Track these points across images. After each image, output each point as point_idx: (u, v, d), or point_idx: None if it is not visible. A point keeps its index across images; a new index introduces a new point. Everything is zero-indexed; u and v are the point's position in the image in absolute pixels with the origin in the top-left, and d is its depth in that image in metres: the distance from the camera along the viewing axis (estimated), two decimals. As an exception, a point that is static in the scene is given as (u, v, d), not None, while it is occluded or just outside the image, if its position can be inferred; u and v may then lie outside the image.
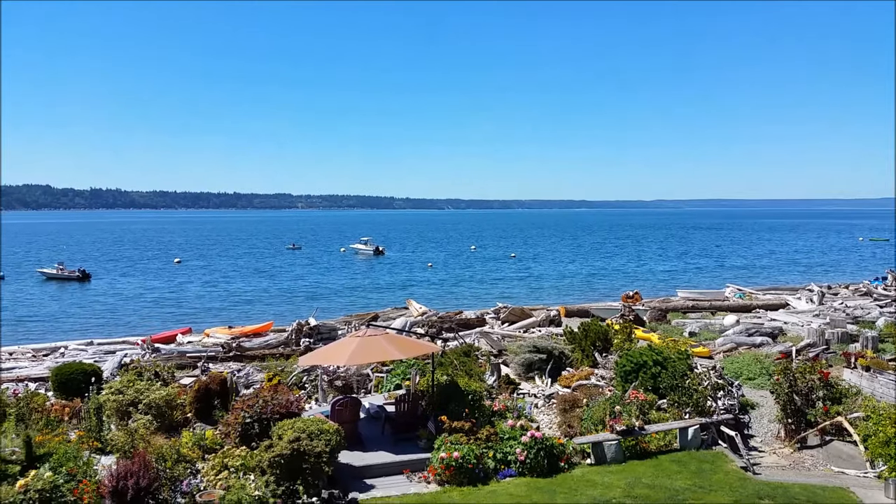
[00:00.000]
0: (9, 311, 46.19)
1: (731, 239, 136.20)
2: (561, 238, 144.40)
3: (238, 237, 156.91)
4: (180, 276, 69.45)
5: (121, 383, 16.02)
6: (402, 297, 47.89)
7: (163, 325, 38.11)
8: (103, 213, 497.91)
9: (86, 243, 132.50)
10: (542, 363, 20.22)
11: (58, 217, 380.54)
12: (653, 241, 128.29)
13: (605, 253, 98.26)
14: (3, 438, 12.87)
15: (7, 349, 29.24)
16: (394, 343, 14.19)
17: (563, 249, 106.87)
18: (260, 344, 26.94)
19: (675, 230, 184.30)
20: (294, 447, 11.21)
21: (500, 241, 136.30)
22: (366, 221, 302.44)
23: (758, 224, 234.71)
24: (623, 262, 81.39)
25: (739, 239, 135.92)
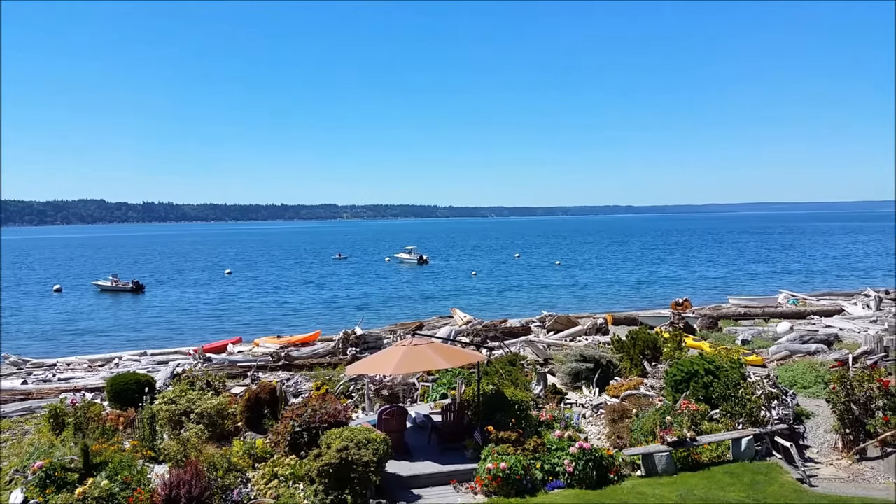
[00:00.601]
0: (66, 322, 47.82)
1: (784, 243, 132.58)
2: (607, 244, 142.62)
3: (286, 248, 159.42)
4: (231, 286, 70.89)
5: (173, 393, 16.39)
6: (446, 305, 47.95)
7: (214, 335, 38.95)
8: (156, 226, 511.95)
9: (139, 256, 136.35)
10: (589, 372, 19.97)
11: (112, 230, 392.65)
12: (703, 247, 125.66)
13: (653, 259, 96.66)
14: (63, 447, 13.30)
15: (65, 359, 30.28)
16: (439, 352, 14.20)
17: (609, 256, 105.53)
18: (308, 353, 27.28)
19: (726, 235, 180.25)
20: (342, 456, 11.31)
21: (544, 248, 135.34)
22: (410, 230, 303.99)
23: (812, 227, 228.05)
24: (672, 269, 79.94)
25: (793, 243, 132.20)
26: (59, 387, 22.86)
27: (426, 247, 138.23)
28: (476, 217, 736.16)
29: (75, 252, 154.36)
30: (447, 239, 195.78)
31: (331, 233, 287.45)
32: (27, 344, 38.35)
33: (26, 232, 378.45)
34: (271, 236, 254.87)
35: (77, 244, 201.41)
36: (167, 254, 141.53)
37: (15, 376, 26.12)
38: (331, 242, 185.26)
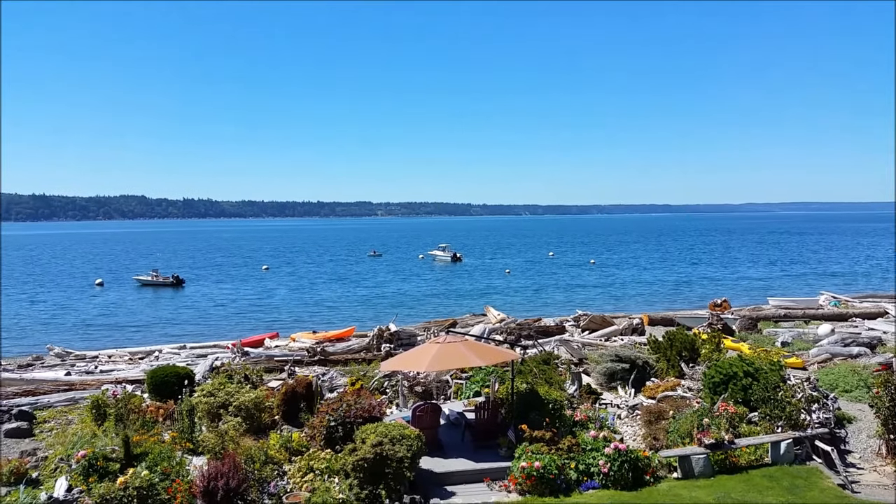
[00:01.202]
0: (108, 315, 49.00)
1: (826, 244, 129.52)
2: (644, 243, 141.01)
3: (322, 245, 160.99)
4: (268, 282, 71.87)
5: (212, 386, 16.68)
6: (480, 303, 47.91)
7: (251, 329, 39.55)
8: (195, 222, 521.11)
9: (179, 251, 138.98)
10: (625, 373, 19.78)
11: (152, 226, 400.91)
12: (743, 247, 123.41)
13: (691, 259, 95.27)
14: (104, 437, 13.64)
15: (106, 352, 31.04)
16: (473, 350, 14.21)
17: (646, 255, 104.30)
18: (343, 349, 27.51)
19: (765, 235, 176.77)
20: (377, 451, 11.39)
21: (579, 246, 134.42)
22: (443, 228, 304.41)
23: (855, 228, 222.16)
24: (710, 269, 78.71)
25: (834, 243, 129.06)
26: (100, 378, 23.40)
27: (460, 244, 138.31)
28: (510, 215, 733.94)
29: (116, 247, 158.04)
30: (481, 237, 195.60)
31: (365, 230, 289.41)
32: (70, 336, 39.42)
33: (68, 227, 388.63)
34: (307, 233, 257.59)
35: (118, 239, 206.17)
36: (206, 249, 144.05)
37: (59, 367, 26.86)
38: (365, 239, 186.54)
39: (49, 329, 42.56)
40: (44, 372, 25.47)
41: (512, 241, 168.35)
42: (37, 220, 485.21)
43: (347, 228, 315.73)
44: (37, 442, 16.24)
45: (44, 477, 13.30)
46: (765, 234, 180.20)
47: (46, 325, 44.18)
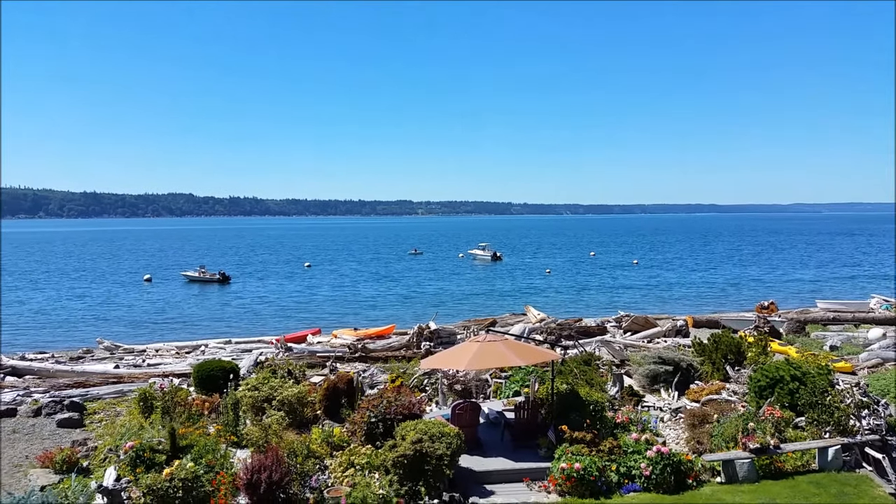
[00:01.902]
0: (156, 310, 50.24)
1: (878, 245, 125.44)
2: (688, 244, 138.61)
3: (363, 243, 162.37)
4: (310, 279, 72.80)
5: (256, 380, 16.95)
6: (519, 302, 47.75)
7: (294, 325, 40.10)
8: (241, 219, 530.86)
9: (225, 248, 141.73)
10: (668, 375, 19.49)
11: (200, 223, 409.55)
12: (791, 248, 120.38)
13: (736, 260, 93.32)
14: (151, 429, 13.98)
15: (154, 346, 31.86)
16: (513, 349, 14.16)
17: (690, 256, 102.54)
18: (383, 346, 27.72)
19: (813, 236, 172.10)
20: (416, 448, 11.44)
21: (621, 246, 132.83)
22: (483, 227, 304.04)
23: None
24: (757, 271, 76.98)
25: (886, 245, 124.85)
26: (148, 372, 24.02)
27: (500, 243, 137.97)
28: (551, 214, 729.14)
29: (164, 244, 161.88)
30: (521, 236, 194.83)
31: (406, 228, 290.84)
32: (119, 330, 40.54)
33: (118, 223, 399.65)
34: (349, 231, 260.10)
35: (166, 236, 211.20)
36: (252, 247, 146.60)
37: (108, 360, 27.64)
38: (406, 238, 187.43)
39: (99, 323, 43.84)
40: (94, 365, 26.25)
41: (553, 240, 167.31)
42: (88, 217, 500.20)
43: (388, 227, 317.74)
44: (87, 432, 16.75)
45: (94, 466, 13.71)
46: (813, 235, 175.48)
47: (96, 320, 45.51)
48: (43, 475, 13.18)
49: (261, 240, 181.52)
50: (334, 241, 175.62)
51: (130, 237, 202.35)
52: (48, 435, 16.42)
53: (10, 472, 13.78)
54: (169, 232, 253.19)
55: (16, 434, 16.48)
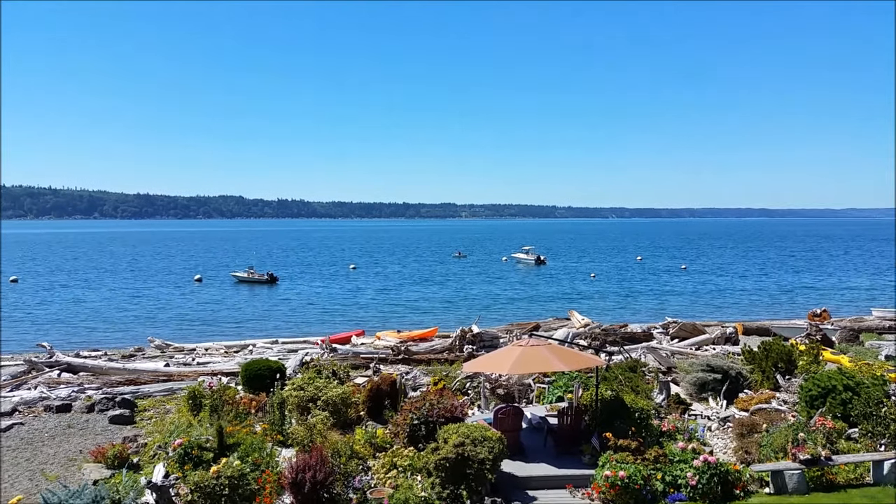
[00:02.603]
0: (205, 311, 51.38)
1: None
2: (738, 249, 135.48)
3: (407, 245, 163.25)
4: (355, 281, 73.51)
5: (302, 380, 17.16)
6: (563, 307, 47.35)
7: (339, 326, 40.50)
8: (288, 221, 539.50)
9: (273, 249, 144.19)
10: (716, 383, 19.07)
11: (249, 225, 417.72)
12: (844, 254, 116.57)
13: (789, 267, 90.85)
14: (199, 427, 14.27)
15: (203, 345, 32.53)
16: (557, 354, 14.03)
17: (741, 261, 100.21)
18: (426, 348, 27.80)
19: (868, 242, 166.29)
20: (459, 452, 11.43)
21: (669, 251, 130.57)
22: (527, 230, 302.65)
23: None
24: (809, 277, 74.78)
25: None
26: (197, 370, 24.56)
27: (544, 247, 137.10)
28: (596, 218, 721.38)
29: (214, 245, 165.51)
30: (565, 240, 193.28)
31: (450, 231, 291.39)
32: (170, 329, 41.55)
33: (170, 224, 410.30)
34: (393, 233, 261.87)
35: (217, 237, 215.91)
36: (298, 248, 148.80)
37: (158, 359, 28.35)
38: (450, 241, 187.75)
39: (151, 322, 45.00)
40: (145, 363, 26.97)
41: (598, 244, 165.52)
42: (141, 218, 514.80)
43: (432, 230, 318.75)
44: (137, 429, 17.21)
45: (143, 462, 14.06)
46: (868, 241, 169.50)
47: (148, 319, 46.73)
48: (96, 470, 13.58)
49: (307, 241, 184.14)
50: (379, 243, 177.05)
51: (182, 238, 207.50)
52: (101, 431, 16.93)
53: (65, 465, 14.25)
54: (219, 233, 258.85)
55: (70, 429, 17.04)
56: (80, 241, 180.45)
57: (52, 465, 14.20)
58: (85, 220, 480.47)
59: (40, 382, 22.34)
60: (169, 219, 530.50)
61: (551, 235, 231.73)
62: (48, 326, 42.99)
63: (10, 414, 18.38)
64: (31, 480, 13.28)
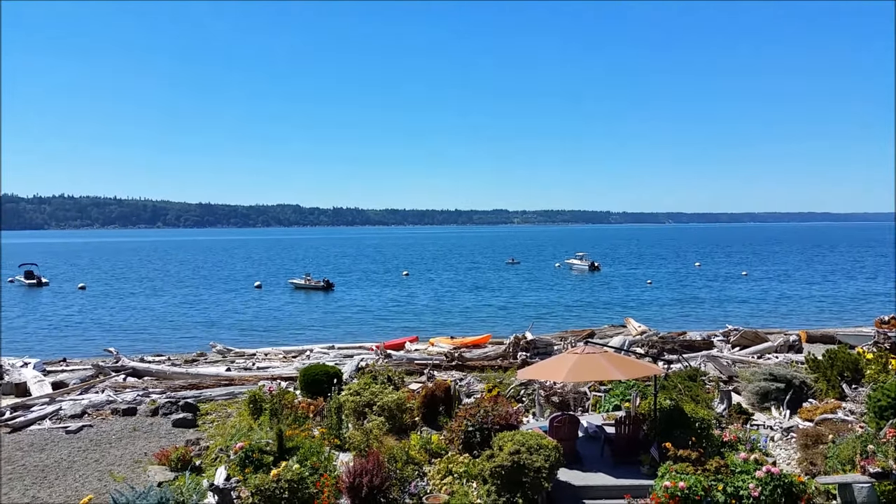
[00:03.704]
0: (265, 316, 52.52)
1: None
2: (802, 255, 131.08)
3: (460, 252, 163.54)
4: (408, 287, 74.02)
5: (358, 385, 17.38)
6: (619, 314, 46.66)
7: (393, 333, 40.87)
8: (343, 229, 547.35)
9: (329, 257, 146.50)
10: (779, 393, 18.51)
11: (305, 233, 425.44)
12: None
13: (856, 273, 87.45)
14: (260, 430, 14.59)
15: (263, 350, 33.26)
16: (613, 362, 13.83)
17: (805, 268, 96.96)
18: (479, 355, 27.78)
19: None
20: (514, 459, 11.39)
21: (729, 257, 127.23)
22: (581, 236, 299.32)
23: None
24: (878, 284, 71.80)
25: None
26: (257, 375, 25.11)
27: (598, 253, 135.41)
28: (652, 223, 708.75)
29: (273, 252, 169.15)
30: (620, 245, 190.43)
31: (502, 238, 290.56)
32: (231, 334, 42.62)
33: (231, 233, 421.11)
34: (446, 240, 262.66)
35: (275, 245, 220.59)
36: (353, 255, 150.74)
37: (220, 363, 29.13)
38: (502, 247, 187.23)
39: (212, 328, 46.27)
40: (207, 367, 27.72)
41: (654, 250, 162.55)
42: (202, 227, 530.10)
43: (484, 236, 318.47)
44: (199, 432, 17.67)
45: (206, 465, 14.42)
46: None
47: (210, 324, 48.05)
48: (160, 472, 14.02)
49: (362, 249, 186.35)
50: (431, 250, 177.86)
51: (242, 246, 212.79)
52: (164, 434, 17.46)
53: (131, 466, 14.75)
54: (277, 241, 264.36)
55: (136, 432, 17.63)
56: (144, 250, 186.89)
57: (119, 467, 14.70)
58: (149, 229, 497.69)
59: (107, 386, 23.18)
60: (229, 227, 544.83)
61: (606, 241, 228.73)
62: (114, 332, 44.64)
63: (80, 416, 19.12)
64: (100, 481, 13.78)
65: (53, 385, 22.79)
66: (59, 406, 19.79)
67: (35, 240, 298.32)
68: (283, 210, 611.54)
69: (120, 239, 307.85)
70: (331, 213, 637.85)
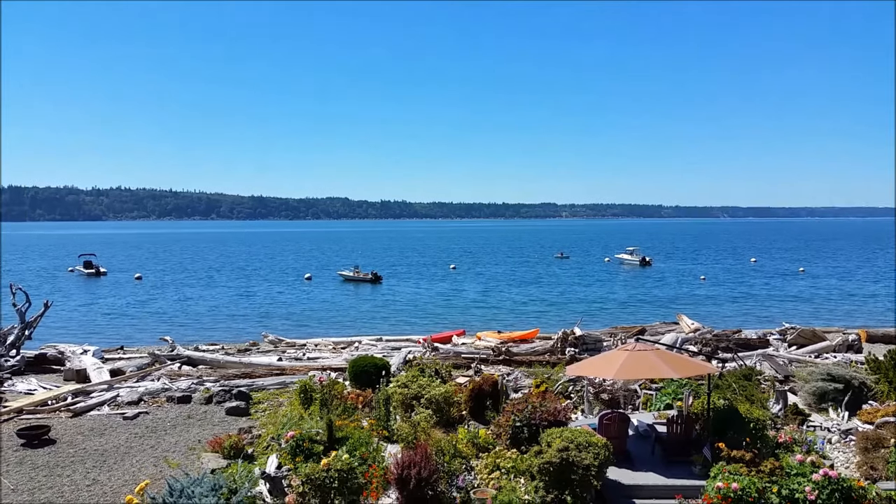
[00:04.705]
0: (315, 307, 53.33)
1: None
2: (864, 251, 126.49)
3: (507, 245, 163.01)
4: (456, 281, 74.14)
5: (406, 378, 17.50)
6: (670, 310, 45.85)
7: (440, 326, 40.98)
8: (390, 222, 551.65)
9: (377, 249, 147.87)
10: (837, 394, 17.94)
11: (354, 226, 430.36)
12: None
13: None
14: (310, 420, 14.82)
15: (313, 340, 33.78)
16: (665, 360, 13.59)
17: (864, 265, 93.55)
18: (527, 350, 27.63)
19: None
20: (563, 456, 11.31)
21: (786, 253, 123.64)
22: (631, 230, 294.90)
23: None
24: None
25: None
26: (308, 365, 25.50)
27: (649, 248, 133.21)
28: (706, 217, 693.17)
29: (322, 244, 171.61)
30: (672, 240, 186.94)
31: (550, 231, 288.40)
32: (282, 325, 43.42)
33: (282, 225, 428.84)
34: (493, 234, 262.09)
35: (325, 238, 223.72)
36: (401, 248, 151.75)
37: (272, 353, 29.67)
38: (550, 241, 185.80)
39: (264, 318, 47.19)
40: (259, 357, 28.27)
41: (708, 244, 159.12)
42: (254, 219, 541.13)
43: (532, 230, 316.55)
44: (252, 420, 18.04)
45: (257, 453, 14.71)
46: None
47: (262, 315, 49.03)
48: (213, 459, 14.36)
49: (409, 242, 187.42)
50: (478, 243, 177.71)
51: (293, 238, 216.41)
52: (218, 421, 17.89)
53: (185, 453, 15.16)
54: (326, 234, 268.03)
55: (190, 419, 18.10)
56: (198, 242, 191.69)
57: (173, 453, 15.12)
58: (203, 221, 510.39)
59: (163, 374, 23.85)
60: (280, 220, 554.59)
61: (657, 236, 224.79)
62: (170, 321, 45.94)
63: (137, 403, 19.72)
64: (155, 466, 14.21)
65: (111, 372, 23.53)
66: (117, 393, 20.46)
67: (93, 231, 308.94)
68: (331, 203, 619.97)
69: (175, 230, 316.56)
70: (378, 206, 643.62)
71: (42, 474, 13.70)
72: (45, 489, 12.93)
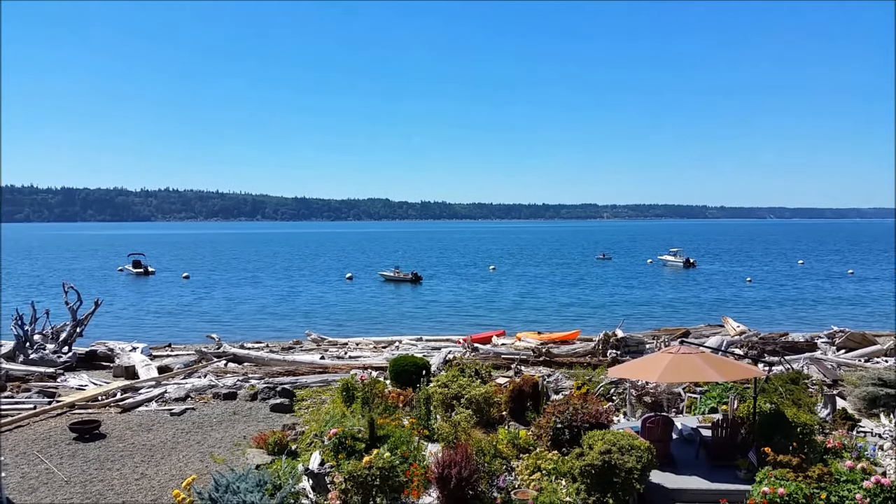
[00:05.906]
0: (356, 307, 53.86)
1: None
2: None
3: (547, 246, 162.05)
4: (496, 282, 74.04)
5: (446, 378, 17.57)
6: (715, 313, 45.05)
7: (480, 326, 40.97)
8: (430, 223, 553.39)
9: (418, 250, 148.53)
10: (889, 399, 17.42)
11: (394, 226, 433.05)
12: None
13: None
14: (352, 418, 15.00)
15: (355, 339, 34.14)
16: (710, 363, 13.38)
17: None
18: (567, 351, 27.46)
19: None
20: (605, 459, 11.24)
21: (835, 255, 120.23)
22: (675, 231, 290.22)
23: None
24: None
25: None
26: (349, 363, 25.79)
27: (693, 249, 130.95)
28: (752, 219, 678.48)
29: (364, 245, 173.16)
30: (717, 241, 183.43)
31: (591, 232, 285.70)
32: (324, 323, 43.95)
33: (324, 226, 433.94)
34: (533, 234, 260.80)
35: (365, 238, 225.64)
36: (441, 249, 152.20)
37: (314, 351, 30.07)
38: (592, 242, 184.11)
39: (307, 317, 47.85)
40: (302, 355, 28.67)
41: (754, 246, 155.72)
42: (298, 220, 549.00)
43: (573, 231, 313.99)
44: (295, 417, 18.31)
45: (301, 450, 14.93)
46: None
47: (305, 313, 49.72)
48: (258, 455, 14.64)
49: (449, 242, 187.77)
50: (518, 244, 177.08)
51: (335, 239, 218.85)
52: (262, 418, 18.20)
53: (230, 449, 15.47)
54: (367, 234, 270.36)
55: (235, 416, 18.47)
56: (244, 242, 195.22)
57: (219, 449, 15.43)
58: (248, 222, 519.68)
59: (209, 371, 24.35)
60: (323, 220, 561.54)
61: (702, 237, 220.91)
62: (216, 319, 46.90)
63: (184, 399, 20.18)
64: (201, 461, 14.53)
65: (159, 369, 24.11)
66: (165, 389, 20.97)
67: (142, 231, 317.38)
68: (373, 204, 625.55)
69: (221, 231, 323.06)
70: (419, 206, 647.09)
71: (93, 467, 14.13)
72: (96, 482, 13.34)
